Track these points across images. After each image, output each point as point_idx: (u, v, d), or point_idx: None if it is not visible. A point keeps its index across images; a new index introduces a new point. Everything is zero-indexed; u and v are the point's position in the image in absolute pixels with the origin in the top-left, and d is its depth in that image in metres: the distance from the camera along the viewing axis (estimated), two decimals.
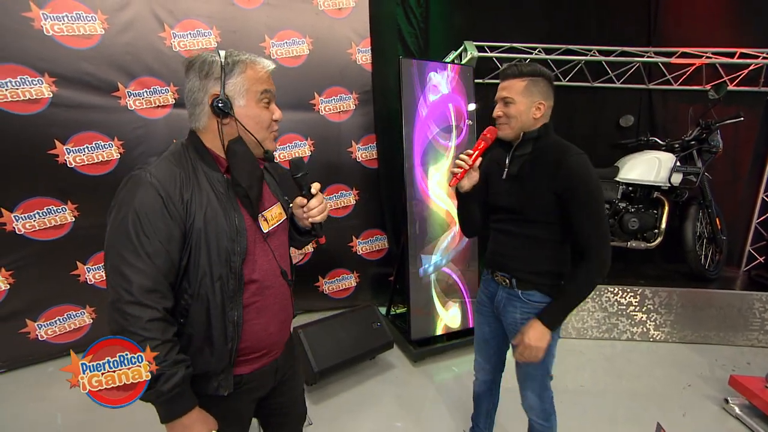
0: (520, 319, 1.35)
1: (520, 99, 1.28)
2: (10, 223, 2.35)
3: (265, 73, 0.92)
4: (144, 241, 0.79)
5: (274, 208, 1.03)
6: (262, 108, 0.92)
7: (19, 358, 2.47)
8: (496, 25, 3.24)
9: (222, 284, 0.88)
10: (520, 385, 1.47)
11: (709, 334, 2.86)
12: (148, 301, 0.78)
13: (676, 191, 3.05)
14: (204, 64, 0.88)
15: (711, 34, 3.25)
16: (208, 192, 0.88)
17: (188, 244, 0.85)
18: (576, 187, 1.21)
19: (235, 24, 2.76)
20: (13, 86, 2.25)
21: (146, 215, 0.80)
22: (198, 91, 0.88)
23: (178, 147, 0.93)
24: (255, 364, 1.00)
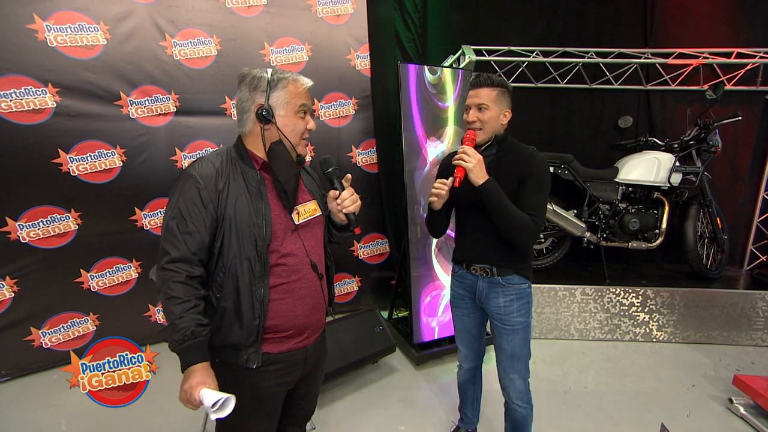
0: (503, 302, 1.51)
1: (492, 106, 1.44)
2: (14, 232, 2.37)
3: (304, 89, 1.09)
4: (181, 222, 0.98)
5: (309, 203, 1.16)
6: (298, 118, 1.09)
7: (24, 366, 2.48)
8: (494, 28, 3.27)
9: (249, 264, 1.02)
10: (506, 372, 1.55)
11: (712, 333, 2.85)
12: (174, 268, 0.96)
13: (676, 191, 3.05)
14: (254, 79, 1.05)
15: (708, 34, 3.27)
16: (240, 185, 1.04)
17: (221, 228, 1.01)
18: (533, 170, 1.42)
19: (235, 32, 2.79)
20: (17, 97, 2.29)
21: (185, 201, 0.99)
22: (246, 101, 1.06)
23: (224, 148, 1.11)
24: (283, 345, 1.09)
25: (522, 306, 1.51)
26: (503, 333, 1.52)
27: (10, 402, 2.28)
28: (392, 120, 2.99)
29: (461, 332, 1.70)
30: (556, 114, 3.42)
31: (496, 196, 1.36)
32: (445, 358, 2.67)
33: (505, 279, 1.50)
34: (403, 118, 2.51)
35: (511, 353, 1.52)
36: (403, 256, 2.73)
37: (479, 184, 1.37)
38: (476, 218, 1.49)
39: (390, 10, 3.11)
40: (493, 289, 1.52)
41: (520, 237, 1.40)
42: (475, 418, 1.88)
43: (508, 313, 1.51)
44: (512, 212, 1.37)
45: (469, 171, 1.36)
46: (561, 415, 2.11)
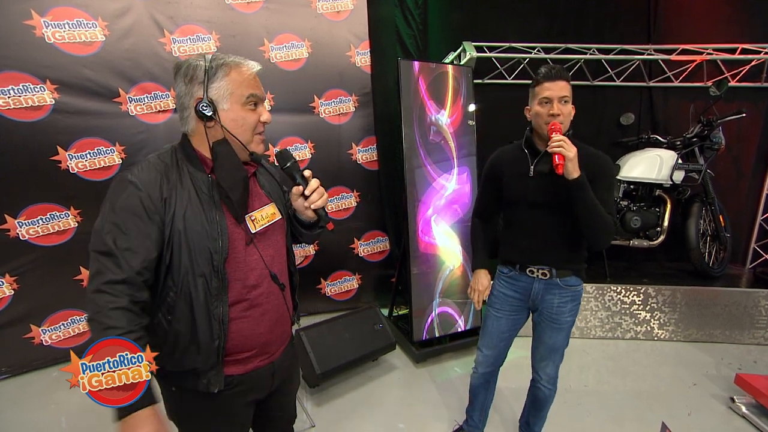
0: (558, 303, 1.51)
1: (570, 100, 1.42)
2: (13, 229, 2.37)
3: (250, 75, 0.93)
4: (120, 236, 0.83)
5: (266, 208, 1.03)
6: (247, 111, 0.93)
7: (24, 363, 2.49)
8: (495, 25, 3.24)
9: (204, 281, 0.90)
10: (542, 359, 1.60)
11: (714, 332, 2.83)
12: (114, 291, 0.80)
13: (679, 189, 3.03)
14: (189, 68, 0.90)
15: (712, 30, 3.24)
16: (190, 191, 0.90)
17: (169, 242, 0.87)
18: (603, 170, 1.41)
19: (235, 28, 2.77)
20: (15, 93, 2.27)
21: (124, 212, 0.84)
22: (184, 96, 0.91)
23: (168, 149, 0.96)
24: (248, 364, 0.99)
25: (574, 307, 1.53)
26: (548, 329, 1.55)
27: (10, 400, 2.28)
28: (393, 117, 2.98)
29: (491, 334, 1.65)
30: None
31: (589, 191, 1.31)
32: (445, 356, 2.66)
33: (563, 281, 1.49)
34: (403, 116, 2.49)
35: (551, 346, 1.57)
36: (404, 254, 2.72)
37: (574, 177, 1.30)
38: (539, 218, 1.46)
39: (390, 7, 3.09)
40: (550, 291, 1.51)
41: (603, 236, 1.37)
42: (482, 423, 1.85)
43: (560, 314, 1.52)
44: (600, 210, 1.33)
45: (569, 160, 1.28)
46: (561, 413, 2.11)
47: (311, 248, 3.23)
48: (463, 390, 2.31)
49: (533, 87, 1.45)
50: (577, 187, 1.31)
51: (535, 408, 1.72)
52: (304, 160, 3.10)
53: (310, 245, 1.03)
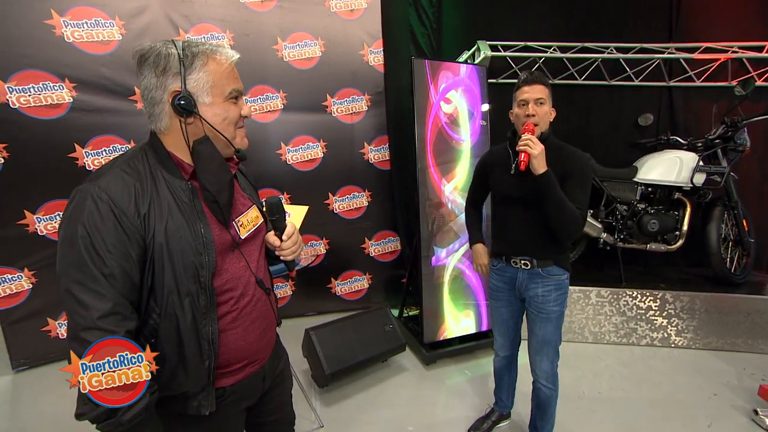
0: (542, 292, 1.59)
1: (547, 102, 1.54)
2: (32, 225, 2.42)
3: (229, 66, 0.84)
4: (97, 261, 0.72)
5: (250, 212, 0.96)
6: (230, 104, 0.85)
7: (41, 356, 2.54)
8: (510, 23, 3.19)
9: (192, 300, 0.82)
10: (536, 354, 1.66)
11: (736, 341, 2.74)
12: (107, 326, 0.71)
13: (699, 192, 2.93)
14: (159, 57, 0.78)
15: (737, 27, 3.12)
16: (169, 202, 0.81)
17: (150, 261, 0.78)
18: (577, 168, 1.51)
19: (249, 27, 2.79)
20: (35, 92, 2.32)
21: (98, 232, 0.73)
22: (155, 89, 0.80)
23: (135, 152, 0.84)
24: (238, 375, 0.94)
25: (559, 296, 1.60)
26: (537, 320, 1.62)
27: (29, 390, 2.34)
28: (405, 116, 2.95)
29: (498, 323, 1.80)
30: (573, 112, 3.32)
31: (555, 187, 1.42)
32: (456, 358, 2.63)
33: (545, 270, 1.58)
34: (416, 115, 2.47)
35: (542, 338, 1.62)
36: (415, 255, 2.70)
37: (540, 172, 1.41)
38: (518, 212, 1.58)
39: (404, 5, 3.07)
40: (533, 280, 1.61)
41: (569, 228, 1.47)
42: (510, 402, 1.99)
43: (545, 302, 1.59)
44: (566, 204, 1.43)
45: (533, 158, 1.40)
46: (574, 420, 2.06)
47: (322, 247, 3.23)
48: (473, 392, 2.29)
49: (514, 92, 1.60)
50: (543, 182, 1.42)
51: (539, 410, 1.73)
52: (316, 159, 3.10)
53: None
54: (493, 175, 1.67)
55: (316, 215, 2.93)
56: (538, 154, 1.40)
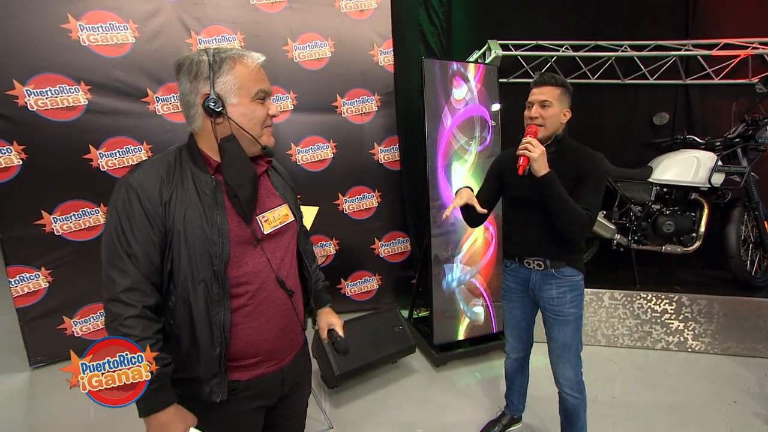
0: (556, 294, 1.57)
1: (555, 104, 1.50)
2: (49, 225, 2.47)
3: (256, 68, 0.91)
4: (123, 242, 0.82)
5: (279, 209, 1.00)
6: (256, 104, 0.91)
7: (57, 353, 2.59)
8: (521, 22, 3.14)
9: (205, 287, 0.87)
10: (556, 361, 1.62)
11: (756, 346, 2.66)
12: (127, 299, 0.81)
13: (718, 192, 2.86)
14: (192, 64, 0.87)
15: (757, 22, 3.03)
16: (191, 192, 0.88)
17: (170, 246, 0.86)
18: (591, 169, 1.49)
19: (259, 28, 2.80)
20: (52, 95, 2.37)
21: (126, 217, 0.83)
22: (189, 93, 0.88)
23: (173, 149, 0.94)
24: (254, 370, 0.96)
25: (574, 298, 1.57)
26: (555, 324, 1.59)
27: (45, 387, 2.39)
28: (415, 116, 2.94)
29: (511, 324, 1.78)
30: (586, 111, 3.25)
31: (556, 188, 1.41)
32: (466, 360, 2.61)
33: (558, 271, 1.56)
34: (426, 115, 2.45)
35: (562, 343, 1.59)
36: (425, 255, 2.68)
37: (541, 174, 1.41)
38: (531, 213, 1.55)
39: (414, 5, 3.05)
40: (547, 281, 1.58)
41: (574, 229, 1.44)
42: (521, 406, 1.95)
43: (561, 305, 1.56)
44: (570, 204, 1.41)
45: (533, 161, 1.40)
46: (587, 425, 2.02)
47: (332, 247, 3.23)
48: (483, 395, 2.27)
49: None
50: (543, 183, 1.41)
51: (568, 422, 1.67)
52: (326, 159, 3.10)
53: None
54: (505, 176, 1.67)
55: (325, 216, 2.93)
56: (537, 156, 1.39)
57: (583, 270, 1.60)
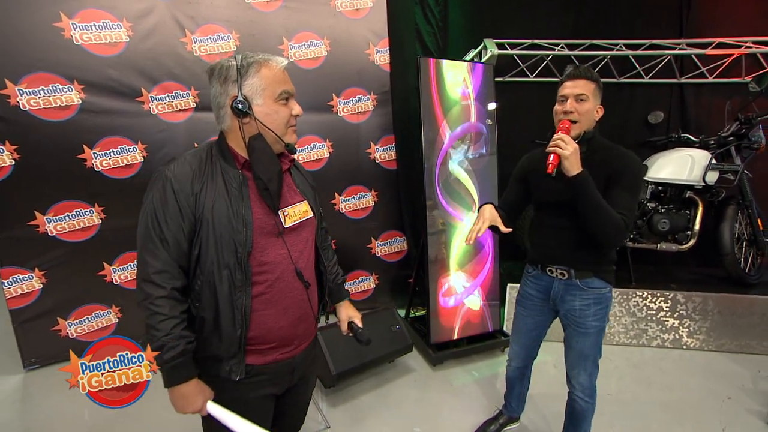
0: (579, 306, 1.48)
1: (591, 98, 1.40)
2: (42, 225, 2.45)
3: (280, 71, 0.98)
4: (156, 228, 0.91)
5: (299, 204, 1.07)
6: (280, 105, 0.98)
7: (52, 355, 2.57)
8: (517, 21, 3.15)
9: (229, 273, 0.94)
10: (572, 367, 1.56)
11: (750, 343, 2.68)
12: (157, 281, 0.89)
13: (712, 191, 2.88)
14: (222, 69, 0.95)
15: (751, 21, 3.06)
16: (220, 186, 0.95)
17: (198, 234, 0.93)
18: (626, 168, 1.37)
19: (254, 27, 2.79)
20: (45, 94, 2.35)
21: (161, 206, 0.91)
22: (220, 95, 0.96)
23: (205, 146, 1.02)
24: (268, 356, 1.03)
25: (599, 311, 1.47)
26: (574, 334, 1.52)
27: (39, 389, 2.37)
28: (411, 116, 2.93)
29: (519, 332, 1.70)
30: None
31: (590, 188, 1.30)
32: (463, 359, 2.61)
33: (583, 282, 1.47)
34: (423, 114, 2.45)
35: (579, 353, 1.53)
36: (422, 255, 2.68)
37: (573, 174, 1.29)
38: (557, 217, 1.47)
39: (410, 4, 3.05)
40: (570, 292, 1.49)
41: (609, 235, 1.33)
42: (519, 408, 1.93)
43: (583, 317, 1.48)
44: (605, 208, 1.30)
45: (564, 159, 1.28)
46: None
47: None
48: (480, 393, 2.27)
49: (558, 87, 1.47)
50: (576, 183, 1.30)
51: (573, 423, 1.64)
52: (322, 159, 3.09)
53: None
54: (532, 178, 1.56)
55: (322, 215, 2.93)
56: (569, 154, 1.27)
57: (612, 282, 1.48)
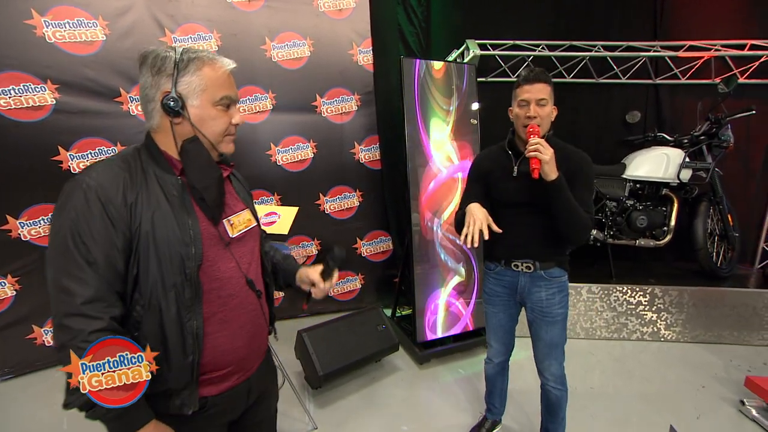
0: (546, 296, 1.54)
1: (549, 102, 1.46)
2: (15, 230, 2.37)
3: (224, 73, 0.88)
4: (82, 248, 0.75)
5: (242, 213, 0.97)
6: (219, 110, 0.87)
7: (26, 364, 2.49)
8: (499, 22, 3.20)
9: (177, 293, 0.82)
10: (543, 358, 1.62)
11: (722, 333, 2.79)
12: (91, 312, 0.74)
13: (686, 188, 2.98)
14: (157, 59, 0.83)
15: (720, 25, 3.19)
16: (157, 195, 0.83)
17: (136, 251, 0.79)
18: (582, 168, 1.46)
19: (236, 27, 2.75)
20: (16, 93, 2.27)
21: (84, 221, 0.76)
22: (150, 88, 0.84)
23: (130, 149, 0.88)
24: (222, 384, 0.91)
25: (563, 298, 1.56)
26: (543, 324, 1.57)
27: (13, 399, 2.28)
28: (395, 116, 2.95)
29: (495, 329, 1.73)
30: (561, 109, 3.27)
31: (566, 192, 1.36)
32: (449, 357, 2.64)
33: (547, 273, 1.54)
34: (406, 114, 2.47)
35: (550, 342, 1.58)
36: (407, 254, 2.70)
37: (552, 178, 1.35)
38: (519, 215, 1.52)
39: (393, 4, 3.06)
40: (536, 284, 1.55)
41: (579, 233, 1.42)
42: (502, 408, 1.95)
43: (550, 306, 1.55)
44: (578, 209, 1.38)
45: (545, 163, 1.33)
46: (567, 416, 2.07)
47: (313, 248, 3.21)
48: (466, 391, 2.30)
49: (514, 89, 1.51)
50: (555, 188, 1.36)
51: (550, 413, 1.69)
52: (306, 159, 3.08)
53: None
54: (492, 178, 1.57)
55: (306, 216, 2.91)
56: (549, 159, 1.31)
57: (568, 269, 1.58)
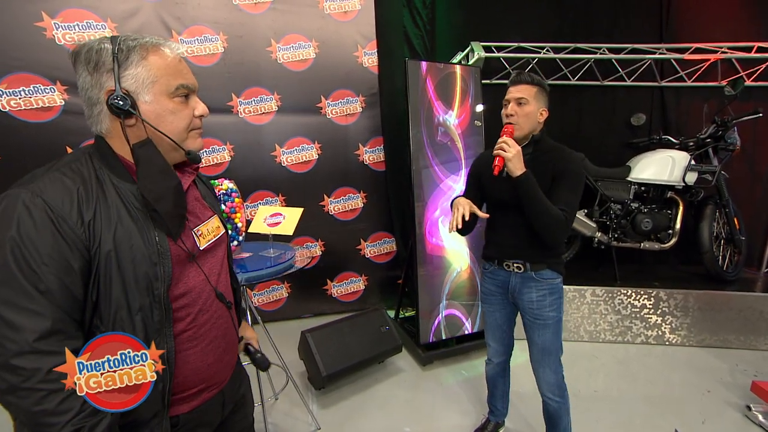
0: (536, 297, 1.55)
1: (531, 102, 1.47)
2: None
3: (174, 59, 0.76)
4: (30, 276, 0.63)
5: (211, 221, 0.89)
6: (177, 103, 0.77)
7: None
8: (504, 24, 3.20)
9: (144, 316, 0.73)
10: (537, 365, 1.61)
11: (728, 337, 2.77)
12: (48, 347, 0.63)
13: (691, 191, 2.97)
14: (91, 53, 0.71)
15: (726, 28, 3.17)
16: (118, 208, 0.72)
17: (96, 274, 0.69)
18: (569, 168, 1.47)
19: (242, 29, 2.78)
20: (26, 94, 2.31)
21: (31, 243, 0.64)
22: (91, 89, 0.72)
23: (78, 155, 0.75)
24: (194, 401, 0.84)
25: (554, 301, 1.55)
26: (535, 327, 1.57)
27: None
28: (400, 118, 2.96)
29: (492, 328, 1.75)
30: (566, 112, 3.35)
31: (533, 188, 1.39)
32: (452, 359, 2.63)
33: (538, 274, 1.54)
34: (410, 116, 2.47)
35: (542, 347, 1.58)
36: (410, 256, 2.70)
37: (516, 175, 1.39)
38: (509, 215, 1.53)
39: (398, 6, 3.08)
40: (526, 284, 1.57)
41: (551, 230, 1.43)
42: (505, 410, 1.94)
43: (541, 308, 1.55)
44: (546, 205, 1.39)
45: (508, 161, 1.38)
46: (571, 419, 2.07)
47: (317, 249, 3.23)
48: (470, 393, 2.29)
49: None
50: (520, 183, 1.39)
51: (551, 424, 1.68)
52: (311, 160, 3.10)
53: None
54: (484, 178, 1.63)
55: (311, 217, 2.93)
56: (512, 156, 1.37)
57: (562, 272, 1.58)
